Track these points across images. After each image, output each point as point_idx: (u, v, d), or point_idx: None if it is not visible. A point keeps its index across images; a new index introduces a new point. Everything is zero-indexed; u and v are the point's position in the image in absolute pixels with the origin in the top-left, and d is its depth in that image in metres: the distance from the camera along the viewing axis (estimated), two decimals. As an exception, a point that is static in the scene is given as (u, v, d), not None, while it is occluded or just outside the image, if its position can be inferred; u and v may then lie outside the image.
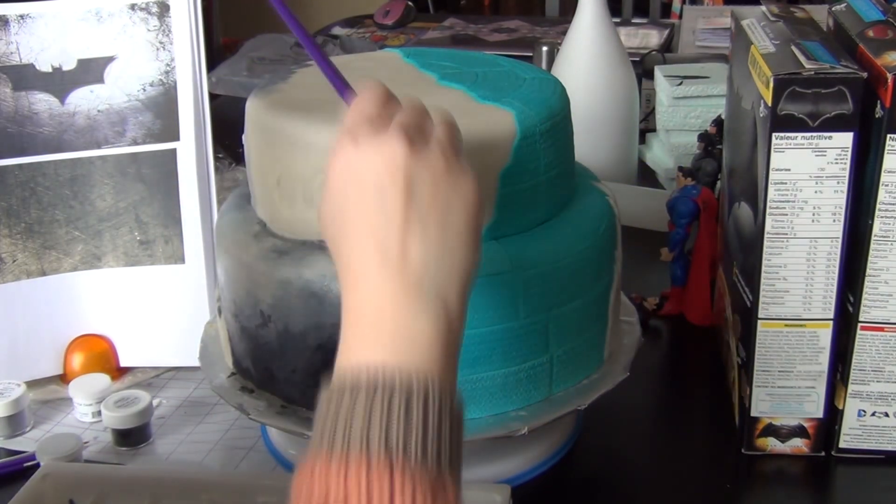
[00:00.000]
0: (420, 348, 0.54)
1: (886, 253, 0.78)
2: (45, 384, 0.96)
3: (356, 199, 0.57)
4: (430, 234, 0.56)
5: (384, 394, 0.51)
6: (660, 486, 0.84)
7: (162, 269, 0.97)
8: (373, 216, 0.56)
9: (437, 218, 0.57)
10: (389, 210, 0.56)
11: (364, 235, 0.56)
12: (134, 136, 0.96)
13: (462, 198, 0.58)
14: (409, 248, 0.56)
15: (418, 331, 0.54)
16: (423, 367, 0.53)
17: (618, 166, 1.30)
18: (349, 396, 0.52)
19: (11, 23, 0.94)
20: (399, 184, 0.56)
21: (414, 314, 0.55)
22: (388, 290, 0.55)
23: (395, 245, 0.56)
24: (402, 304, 0.55)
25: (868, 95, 0.74)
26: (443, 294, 0.56)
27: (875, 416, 0.84)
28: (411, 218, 0.56)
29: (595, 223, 0.79)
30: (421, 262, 0.56)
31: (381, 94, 0.61)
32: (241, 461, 0.86)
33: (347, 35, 1.98)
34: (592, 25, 1.27)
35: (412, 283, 0.55)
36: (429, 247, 0.56)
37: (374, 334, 0.54)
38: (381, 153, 0.57)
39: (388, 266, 0.55)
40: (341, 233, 0.58)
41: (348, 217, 0.57)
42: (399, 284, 0.55)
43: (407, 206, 0.56)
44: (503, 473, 0.81)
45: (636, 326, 0.87)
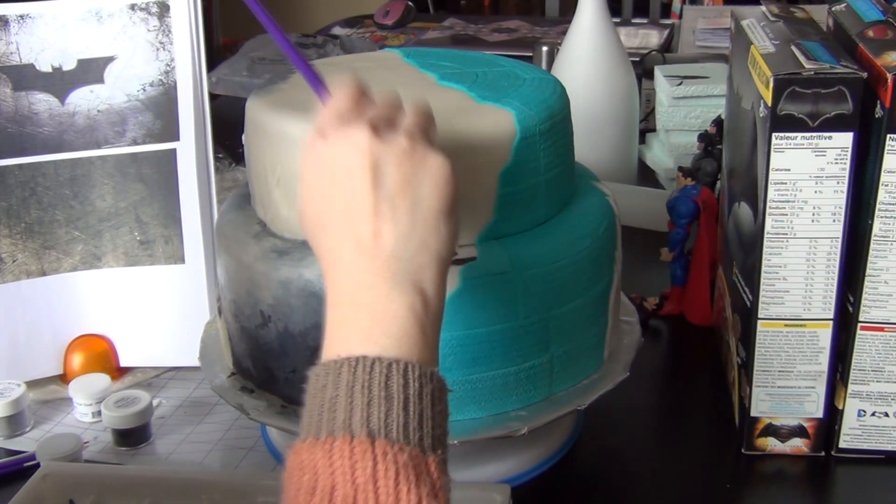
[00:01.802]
0: (398, 332, 0.55)
1: (886, 253, 0.78)
2: (45, 384, 0.96)
3: (328, 189, 0.59)
4: (400, 216, 0.57)
5: (365, 380, 0.52)
6: (660, 486, 0.84)
7: (162, 269, 0.97)
8: (344, 204, 0.58)
9: (407, 199, 0.58)
10: (359, 196, 0.58)
11: (338, 224, 0.58)
12: (134, 136, 0.96)
13: (431, 177, 0.59)
14: (381, 231, 0.57)
15: (394, 314, 0.56)
16: (401, 351, 0.54)
17: (618, 166, 1.30)
18: (332, 386, 0.53)
19: (11, 23, 0.94)
20: (366, 169, 0.58)
21: (390, 298, 0.56)
22: (364, 277, 0.56)
23: (367, 229, 0.57)
24: (378, 289, 0.56)
25: (868, 95, 0.74)
26: (417, 276, 0.57)
27: (875, 416, 0.84)
28: (381, 201, 0.57)
29: (595, 223, 0.79)
30: (393, 245, 0.57)
31: (352, 92, 0.62)
32: (241, 461, 0.86)
33: (347, 35, 1.98)
34: (592, 25, 1.27)
35: (386, 268, 0.56)
36: (400, 229, 0.57)
37: (353, 321, 0.56)
38: (347, 143, 0.59)
39: (362, 252, 0.57)
40: (318, 225, 0.60)
41: (323, 208, 0.59)
42: (374, 270, 0.56)
43: (375, 190, 0.57)
44: (503, 473, 0.81)
45: (636, 326, 0.87)
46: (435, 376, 0.55)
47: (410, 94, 0.78)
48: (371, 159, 0.58)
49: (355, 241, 0.57)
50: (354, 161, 0.58)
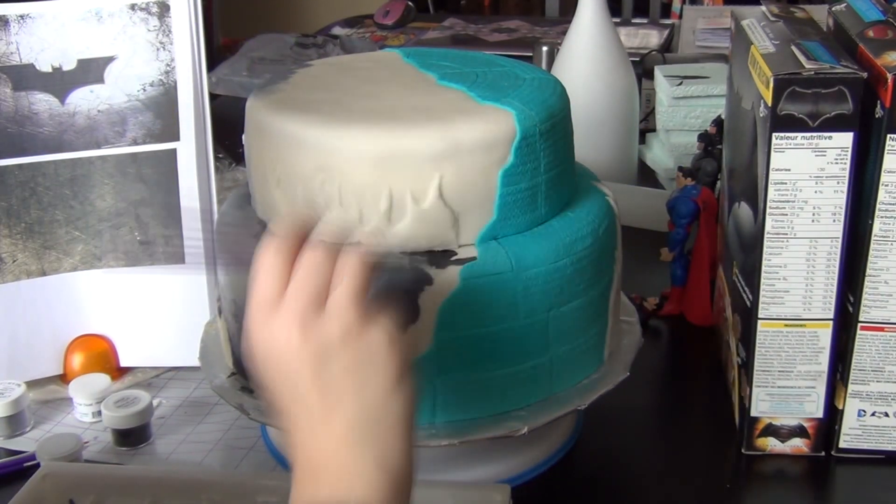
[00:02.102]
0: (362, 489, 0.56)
1: (886, 253, 0.78)
2: (45, 384, 0.96)
3: (275, 377, 0.59)
4: (347, 404, 0.58)
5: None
6: (660, 486, 0.84)
7: (162, 269, 0.97)
8: (291, 397, 0.59)
9: (351, 388, 0.58)
10: (304, 394, 0.58)
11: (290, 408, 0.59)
12: (134, 136, 0.96)
13: (371, 356, 0.59)
14: (333, 420, 0.57)
15: (358, 475, 0.56)
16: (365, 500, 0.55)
17: (618, 166, 1.30)
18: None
19: (11, 23, 0.94)
20: (302, 372, 0.58)
21: (353, 462, 0.57)
22: (323, 447, 0.57)
23: (319, 419, 0.58)
24: (340, 457, 0.57)
25: (868, 95, 0.74)
26: (379, 446, 0.58)
27: (875, 416, 0.84)
28: (326, 396, 0.58)
29: (595, 223, 0.79)
30: (347, 429, 0.57)
31: (272, 261, 0.60)
32: (241, 461, 0.86)
33: (347, 35, 1.98)
34: (592, 25, 1.27)
35: (345, 443, 0.57)
36: (350, 416, 0.58)
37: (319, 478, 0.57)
38: (277, 343, 0.58)
39: (315, 434, 0.58)
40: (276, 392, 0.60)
41: (273, 386, 0.59)
42: (333, 444, 0.57)
43: (317, 388, 0.58)
44: (503, 473, 0.81)
45: (636, 326, 0.87)
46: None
47: (410, 94, 0.79)
48: (307, 363, 0.58)
49: (308, 422, 0.58)
50: (290, 365, 0.58)
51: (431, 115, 0.75)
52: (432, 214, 0.73)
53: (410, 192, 0.73)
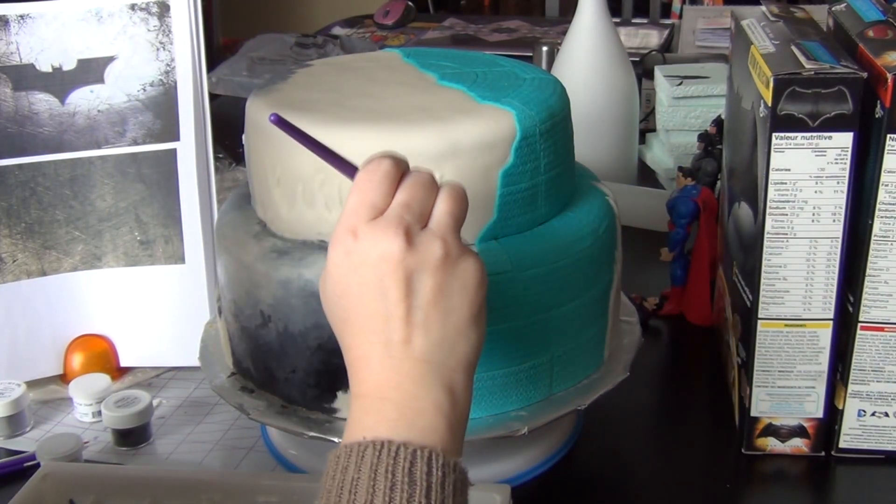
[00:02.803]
0: (423, 425, 0.55)
1: (886, 253, 0.78)
2: (45, 384, 0.96)
3: (358, 291, 0.58)
4: (431, 326, 0.57)
5: (389, 464, 0.52)
6: (660, 486, 0.84)
7: (162, 269, 0.97)
8: (375, 310, 0.57)
9: (439, 310, 0.58)
10: (391, 306, 0.57)
11: (368, 324, 0.57)
12: (134, 136, 0.96)
13: (463, 285, 0.59)
14: (412, 339, 0.57)
15: (421, 410, 0.56)
16: (427, 443, 0.54)
17: (618, 166, 1.30)
18: (354, 468, 0.53)
19: (11, 23, 0.94)
20: (398, 281, 0.57)
21: (417, 397, 0.56)
22: (391, 376, 0.56)
23: (397, 336, 0.57)
24: (404, 388, 0.56)
25: (868, 95, 0.74)
26: (447, 378, 0.57)
27: (875, 416, 0.84)
28: (413, 313, 0.57)
29: (595, 223, 0.79)
30: (423, 353, 0.57)
31: (384, 173, 0.59)
32: (241, 461, 0.86)
33: (347, 35, 1.98)
34: (592, 25, 1.27)
35: (415, 371, 0.57)
36: (431, 339, 0.57)
37: (378, 412, 0.56)
38: (379, 248, 0.57)
39: (391, 355, 0.57)
40: (345, 321, 0.59)
41: (351, 305, 0.58)
42: (402, 372, 0.57)
43: (407, 303, 0.57)
44: (503, 473, 0.81)
45: (636, 326, 0.87)
46: (458, 467, 0.55)
47: (410, 94, 0.79)
48: (404, 272, 0.57)
49: (384, 343, 0.57)
50: (387, 271, 0.57)
51: (431, 115, 0.75)
52: (432, 214, 0.73)
53: (410, 192, 0.73)
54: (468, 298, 0.59)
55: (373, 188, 0.58)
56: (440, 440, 0.55)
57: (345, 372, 0.74)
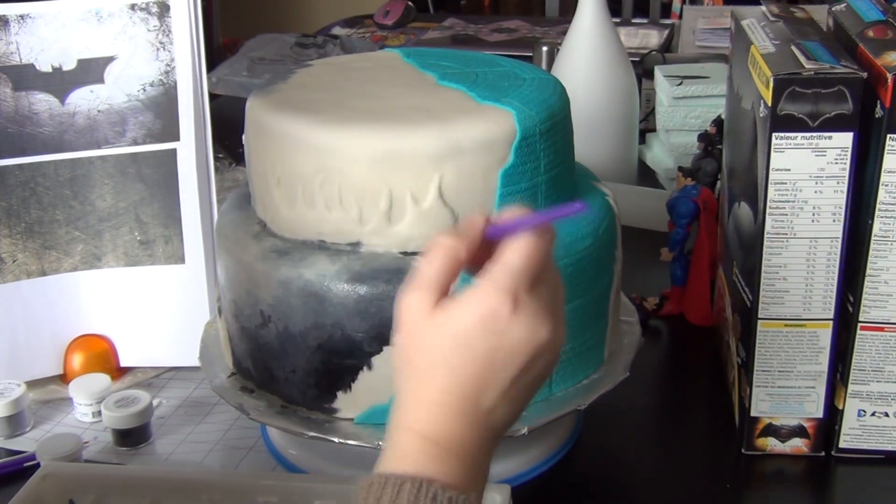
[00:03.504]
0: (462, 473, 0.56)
1: (886, 253, 0.78)
2: (45, 384, 0.96)
3: (483, 352, 0.57)
4: (515, 405, 0.59)
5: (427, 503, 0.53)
6: (660, 486, 0.84)
7: (162, 269, 0.97)
8: (485, 373, 0.57)
9: (530, 390, 0.59)
10: (502, 379, 0.57)
11: (467, 384, 0.57)
12: (134, 136, 0.96)
13: (551, 367, 0.60)
14: (497, 409, 0.58)
15: (477, 470, 0.57)
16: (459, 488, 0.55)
17: (618, 166, 1.30)
18: (388, 500, 0.53)
19: (11, 23, 0.94)
20: (523, 364, 0.58)
21: (478, 462, 0.57)
22: (465, 435, 0.57)
23: (487, 405, 0.57)
24: (469, 449, 0.57)
25: (868, 95, 0.74)
26: (500, 435, 0.59)
27: (875, 416, 0.84)
28: (515, 388, 0.58)
29: (595, 223, 0.79)
30: (497, 425, 0.58)
31: (549, 248, 0.59)
32: (241, 461, 0.86)
33: (347, 35, 1.98)
34: (592, 25, 1.27)
35: (485, 438, 0.58)
36: (509, 415, 0.59)
37: (438, 459, 0.56)
38: (529, 330, 0.57)
39: (472, 417, 0.57)
40: (440, 369, 0.57)
41: (464, 357, 0.57)
42: (477, 435, 0.57)
43: (518, 380, 0.58)
44: (503, 473, 0.81)
45: (636, 326, 0.87)
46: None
47: (410, 94, 0.79)
48: (535, 357, 0.58)
49: (474, 404, 0.57)
50: (522, 352, 0.57)
51: (431, 115, 0.75)
52: (432, 214, 0.73)
53: (410, 192, 0.73)
54: (547, 377, 0.60)
55: (539, 260, 0.58)
56: (471, 488, 0.56)
57: (344, 372, 0.75)
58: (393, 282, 0.72)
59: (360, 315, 0.73)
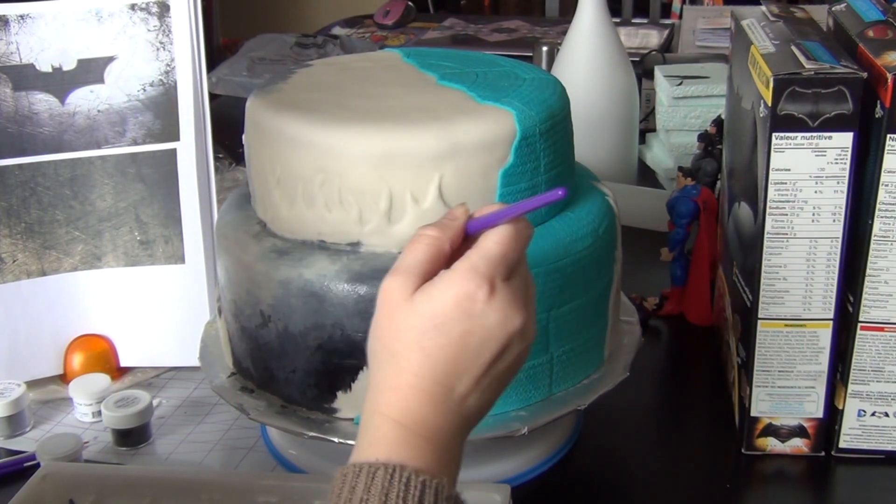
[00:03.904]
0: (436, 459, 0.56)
1: (886, 253, 0.78)
2: (45, 384, 0.96)
3: (457, 336, 0.57)
4: (487, 394, 0.59)
5: (400, 490, 0.53)
6: (660, 486, 0.84)
7: (162, 269, 0.97)
8: (459, 359, 0.58)
9: (501, 381, 0.60)
10: (476, 365, 0.58)
11: (440, 368, 0.57)
12: (134, 136, 0.96)
13: (522, 364, 0.61)
14: (469, 398, 0.58)
15: (448, 456, 0.57)
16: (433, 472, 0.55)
17: (618, 166, 1.30)
18: (363, 488, 0.53)
19: (11, 23, 0.94)
20: (497, 350, 0.58)
21: (450, 449, 0.57)
22: (437, 421, 0.57)
23: (460, 392, 0.58)
24: (444, 435, 0.57)
25: (868, 95, 0.74)
26: (472, 424, 0.59)
27: (875, 416, 0.84)
28: (488, 376, 0.58)
29: (595, 223, 0.79)
30: (469, 412, 0.59)
31: (528, 239, 0.60)
32: (241, 461, 0.86)
33: (347, 35, 1.98)
34: (592, 25, 1.27)
35: (457, 424, 0.58)
36: (481, 402, 0.59)
37: (411, 444, 0.56)
38: (504, 316, 0.58)
39: (444, 403, 0.57)
40: (413, 351, 0.58)
41: (438, 341, 0.57)
42: (449, 420, 0.58)
43: (490, 368, 0.58)
44: (503, 473, 0.81)
45: (636, 326, 0.87)
46: (459, 501, 0.56)
47: (410, 94, 0.79)
48: (508, 343, 0.58)
49: (447, 390, 0.57)
50: (496, 337, 0.58)
51: (431, 115, 0.75)
52: (432, 214, 0.73)
53: (410, 192, 0.73)
54: (514, 376, 0.61)
55: (515, 249, 0.59)
56: (449, 479, 0.56)
57: (344, 372, 0.75)
58: (393, 282, 0.72)
59: (360, 315, 0.73)
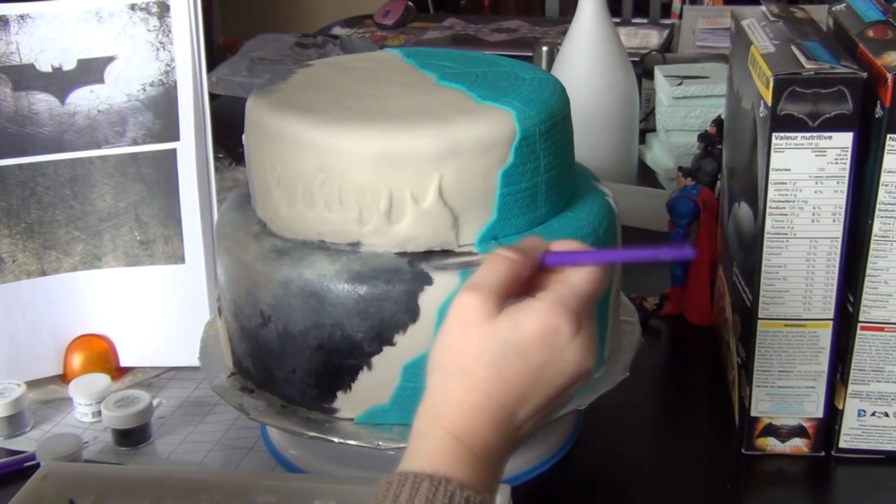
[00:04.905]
0: (492, 483, 0.57)
1: (886, 253, 0.78)
2: (45, 384, 0.96)
3: (535, 365, 0.58)
4: (542, 416, 0.60)
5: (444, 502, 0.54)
6: (660, 486, 0.84)
7: (162, 269, 0.97)
8: (526, 387, 0.58)
9: (556, 408, 0.60)
10: (541, 398, 0.58)
11: (507, 392, 0.58)
12: (134, 136, 0.96)
13: (576, 392, 0.61)
14: (524, 427, 0.59)
15: (496, 474, 0.58)
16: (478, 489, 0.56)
17: (618, 166, 1.30)
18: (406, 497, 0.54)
19: (11, 23, 0.94)
20: (568, 385, 0.59)
21: (499, 468, 0.58)
22: (495, 442, 0.57)
23: (519, 419, 0.58)
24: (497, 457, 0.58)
25: (868, 95, 0.74)
26: (518, 447, 0.60)
27: (875, 416, 0.84)
28: (548, 407, 0.59)
29: (595, 223, 0.79)
30: (521, 438, 0.59)
31: (607, 285, 0.61)
32: (241, 461, 0.86)
33: (347, 35, 1.98)
34: (592, 25, 1.27)
35: (511, 449, 0.59)
36: (535, 428, 0.60)
37: (446, 448, 0.56)
38: (582, 356, 0.58)
39: (504, 427, 0.58)
40: (490, 372, 0.58)
41: (511, 364, 0.57)
42: (504, 443, 0.58)
43: (552, 399, 0.59)
44: (503, 473, 0.81)
45: (636, 326, 0.87)
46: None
47: (410, 94, 0.79)
48: (576, 380, 0.59)
49: (508, 414, 0.58)
50: (568, 376, 0.58)
51: (431, 115, 0.75)
52: (432, 214, 0.73)
53: (410, 192, 0.73)
54: (570, 398, 0.61)
55: (599, 292, 0.60)
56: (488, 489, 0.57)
57: (344, 372, 0.75)
58: (393, 282, 0.72)
59: (360, 315, 0.73)
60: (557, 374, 0.58)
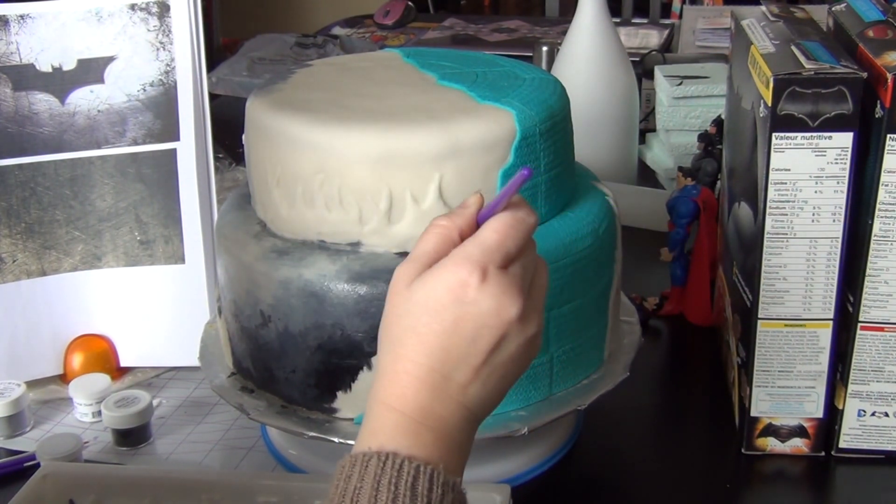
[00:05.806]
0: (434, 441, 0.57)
1: (886, 253, 0.78)
2: (45, 384, 0.96)
3: (451, 323, 0.58)
4: (489, 384, 0.59)
5: (392, 476, 0.54)
6: (660, 486, 0.84)
7: (162, 269, 0.97)
8: (455, 346, 0.58)
9: (504, 374, 0.60)
10: (473, 352, 0.58)
11: (437, 356, 0.58)
12: (134, 136, 0.96)
13: (528, 359, 0.61)
14: (469, 388, 0.58)
15: (454, 445, 0.58)
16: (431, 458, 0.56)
17: (618, 166, 1.30)
18: (357, 477, 0.54)
19: (11, 23, 0.94)
20: (494, 337, 0.58)
21: (454, 437, 0.58)
22: (437, 409, 0.57)
23: (460, 380, 0.58)
24: (446, 425, 0.57)
25: (868, 95, 0.74)
26: (478, 416, 0.60)
27: (875, 416, 0.84)
28: (488, 366, 0.58)
29: (595, 223, 0.79)
30: (471, 403, 0.59)
31: (528, 228, 0.60)
32: (241, 461, 0.86)
33: (347, 35, 1.98)
34: (592, 25, 1.27)
35: (459, 414, 0.58)
36: (483, 393, 0.59)
37: (412, 433, 0.56)
38: (497, 303, 0.58)
39: (445, 391, 0.58)
40: (414, 331, 0.58)
41: (433, 326, 0.58)
42: (449, 410, 0.58)
43: (490, 356, 0.58)
44: (503, 473, 0.81)
45: (636, 326, 0.87)
46: (457, 487, 0.56)
47: (410, 94, 0.79)
48: (504, 332, 0.58)
49: (444, 377, 0.57)
50: (492, 324, 0.58)
51: (431, 115, 0.75)
52: (432, 214, 0.73)
53: (410, 192, 0.73)
54: (522, 371, 0.61)
55: (514, 237, 0.59)
56: (446, 458, 0.56)
57: (344, 372, 0.75)
58: (393, 282, 0.72)
59: (360, 315, 0.73)
60: (477, 326, 0.57)
